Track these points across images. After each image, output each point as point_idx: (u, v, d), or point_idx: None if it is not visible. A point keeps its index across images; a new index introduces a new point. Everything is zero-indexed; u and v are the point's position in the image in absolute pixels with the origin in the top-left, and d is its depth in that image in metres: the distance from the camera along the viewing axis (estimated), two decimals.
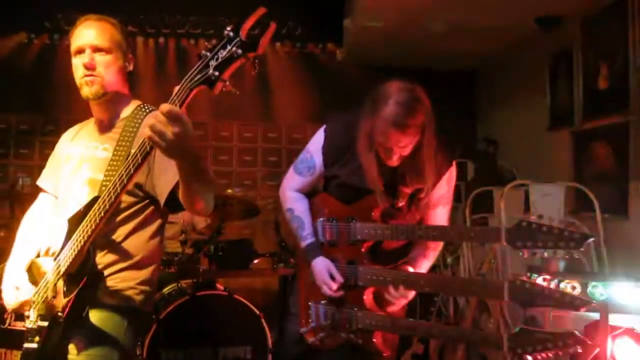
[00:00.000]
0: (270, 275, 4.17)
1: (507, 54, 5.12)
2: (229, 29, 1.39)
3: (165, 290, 3.75)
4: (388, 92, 2.03)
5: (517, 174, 4.25)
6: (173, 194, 1.86)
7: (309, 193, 2.38)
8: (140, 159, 1.60)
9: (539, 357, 1.78)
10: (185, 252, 3.94)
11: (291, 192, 2.38)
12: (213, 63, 1.39)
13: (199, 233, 4.02)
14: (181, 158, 1.57)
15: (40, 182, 2.23)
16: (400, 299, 2.09)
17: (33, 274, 2.01)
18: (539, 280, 3.02)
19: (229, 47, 1.38)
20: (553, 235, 1.72)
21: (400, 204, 2.19)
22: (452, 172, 2.25)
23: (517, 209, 3.42)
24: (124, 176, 1.66)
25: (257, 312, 3.49)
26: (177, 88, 1.45)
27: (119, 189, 1.68)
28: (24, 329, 1.98)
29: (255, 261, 4.01)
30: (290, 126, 5.59)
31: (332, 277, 2.22)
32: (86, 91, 1.97)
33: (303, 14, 5.24)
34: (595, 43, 3.88)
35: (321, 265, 2.25)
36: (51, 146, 2.28)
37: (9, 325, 3.05)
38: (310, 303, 2.33)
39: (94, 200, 1.80)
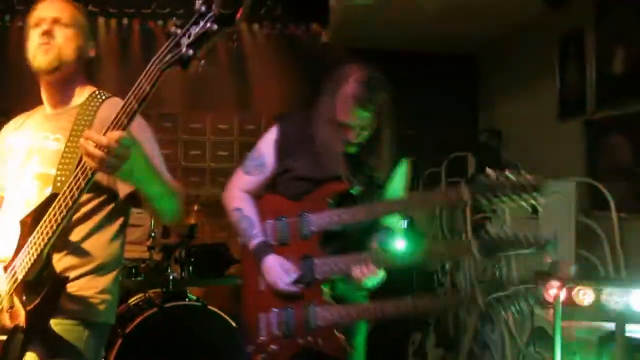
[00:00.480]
0: None
1: (511, 36, 5.06)
2: (199, 2, 1.39)
3: (132, 301, 3.74)
4: (348, 72, 2.26)
5: (523, 168, 4.20)
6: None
7: (256, 196, 2.47)
8: (90, 173, 1.60)
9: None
10: (153, 257, 3.94)
11: (239, 192, 2.46)
12: (185, 41, 1.41)
13: (169, 237, 3.96)
14: (136, 175, 1.64)
15: None
16: (371, 278, 2.24)
17: None
18: (548, 288, 3.00)
19: (201, 23, 1.39)
20: (508, 184, 2.02)
21: (359, 190, 2.32)
22: (407, 168, 2.46)
23: (523, 209, 3.36)
24: (88, 169, 1.63)
25: (234, 324, 3.47)
26: (146, 70, 1.46)
27: (82, 183, 1.65)
28: None
29: (232, 268, 3.98)
30: (271, 117, 5.39)
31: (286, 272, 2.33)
32: (40, 60, 1.96)
33: None
34: (610, 23, 3.84)
35: (272, 261, 2.33)
36: None
37: None
38: (259, 314, 2.37)
39: (52, 197, 1.77)
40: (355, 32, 5.13)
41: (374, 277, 2.25)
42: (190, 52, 1.40)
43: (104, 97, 2.05)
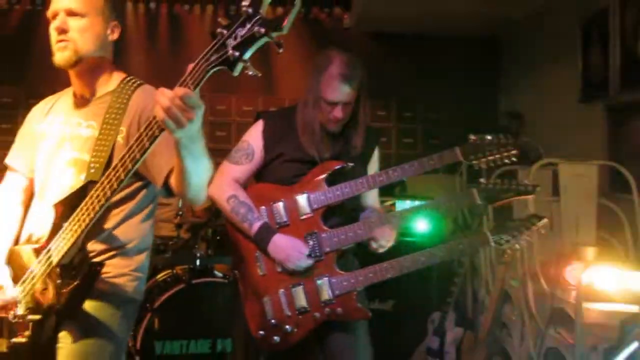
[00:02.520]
0: None
1: (533, 16, 4.94)
2: (246, 4, 1.35)
3: (160, 277, 3.77)
4: (331, 55, 2.39)
5: (544, 151, 4.12)
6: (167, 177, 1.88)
7: (243, 186, 2.49)
8: (147, 143, 1.59)
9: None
10: (180, 236, 3.97)
11: (229, 180, 2.46)
12: (232, 42, 1.37)
13: (196, 216, 3.97)
14: (186, 143, 1.57)
15: (8, 160, 2.21)
16: (389, 240, 2.37)
17: (13, 263, 2.01)
18: (570, 270, 2.94)
19: (248, 25, 1.35)
20: (494, 144, 2.29)
21: (348, 165, 2.40)
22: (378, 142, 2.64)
23: (545, 191, 3.30)
24: (127, 162, 1.64)
25: None
26: (190, 67, 1.44)
27: (122, 175, 1.67)
28: (6, 316, 1.97)
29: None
30: (294, 99, 5.43)
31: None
32: (58, 57, 1.94)
33: None
34: (636, 4, 3.70)
35: (280, 239, 2.35)
36: None
37: None
38: (263, 299, 2.37)
39: (88, 185, 1.80)
40: (378, 16, 5.06)
41: (390, 241, 2.38)
42: (237, 54, 1.36)
43: (136, 84, 2.04)
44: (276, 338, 2.34)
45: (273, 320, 2.34)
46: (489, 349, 3.22)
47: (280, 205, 2.40)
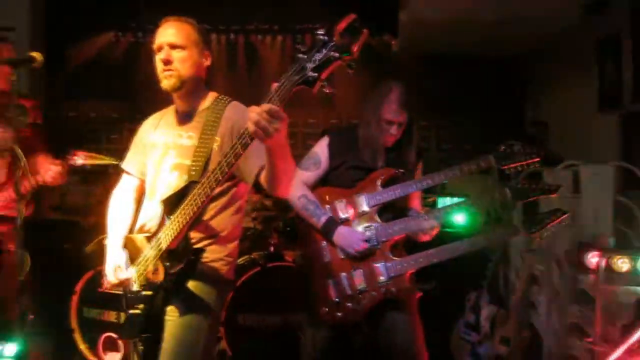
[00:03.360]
0: None
1: (555, 39, 4.87)
2: (321, 32, 1.38)
3: (240, 261, 3.81)
4: (391, 85, 2.50)
5: (566, 155, 4.06)
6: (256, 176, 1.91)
7: (311, 189, 2.53)
8: (240, 150, 1.62)
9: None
10: (256, 227, 4.02)
11: (299, 184, 2.49)
12: (310, 65, 1.39)
13: (269, 210, 4.05)
14: (275, 147, 1.62)
15: (124, 165, 2.28)
16: (433, 230, 2.42)
17: (129, 249, 2.09)
18: (590, 257, 2.91)
19: (324, 51, 1.37)
20: (521, 153, 2.33)
21: (400, 173, 2.47)
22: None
23: (567, 189, 3.28)
24: (224, 165, 1.68)
25: None
26: (274, 86, 1.46)
27: (220, 177, 1.71)
28: (119, 292, 2.08)
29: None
30: (349, 113, 5.46)
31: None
32: (165, 84, 2.01)
33: (359, 6, 5.11)
34: None
35: (343, 230, 2.41)
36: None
37: (105, 289, 3.21)
38: (328, 281, 2.41)
39: (191, 184, 1.85)
40: (422, 41, 5.05)
41: (433, 233, 2.43)
42: (315, 74, 1.38)
43: (227, 101, 2.08)
44: (339, 314, 2.37)
45: (337, 299, 2.38)
46: (519, 325, 3.21)
47: (342, 203, 2.47)
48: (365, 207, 2.43)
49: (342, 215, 2.45)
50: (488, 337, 3.32)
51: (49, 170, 2.78)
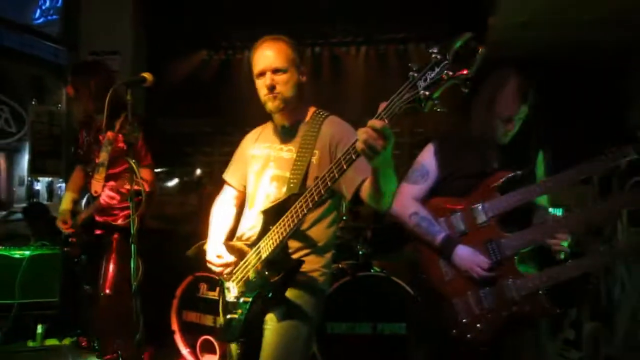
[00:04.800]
0: None
1: None
2: (435, 51, 1.37)
3: None
4: (508, 73, 2.23)
5: None
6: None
7: (422, 201, 2.36)
8: (344, 165, 1.65)
9: None
10: (344, 236, 4.03)
11: (409, 200, 2.35)
12: (422, 84, 1.39)
13: (358, 220, 4.08)
14: (381, 165, 1.63)
15: (226, 176, 2.40)
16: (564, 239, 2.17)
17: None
18: None
19: (437, 69, 1.36)
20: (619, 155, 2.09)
21: (519, 175, 2.23)
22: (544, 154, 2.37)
23: None
24: (327, 180, 1.71)
25: (412, 292, 3.42)
26: (382, 105, 1.47)
27: (322, 190, 1.74)
28: (215, 297, 2.18)
29: (406, 246, 3.99)
30: (437, 121, 5.25)
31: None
32: (270, 106, 2.09)
33: (444, 13, 4.98)
34: None
35: (464, 251, 2.22)
36: (229, 144, 2.44)
37: (202, 294, 3.38)
38: (454, 301, 2.25)
39: (292, 197, 1.89)
40: (510, 46, 4.89)
41: (565, 241, 2.18)
42: (427, 93, 1.37)
43: (324, 115, 2.13)
44: (469, 335, 2.21)
45: (465, 320, 2.23)
46: (626, 344, 3.03)
47: (457, 216, 2.28)
48: (483, 219, 2.24)
49: (459, 229, 2.28)
50: (591, 356, 3.17)
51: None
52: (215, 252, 2.14)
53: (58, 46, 5.32)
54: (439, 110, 1.39)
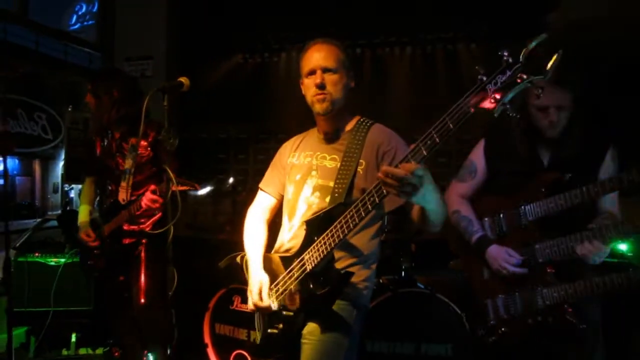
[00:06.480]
0: None
1: None
2: (506, 53, 1.34)
3: None
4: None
5: None
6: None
7: (471, 199, 2.44)
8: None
9: None
10: (386, 250, 3.86)
11: (455, 197, 2.44)
12: (492, 87, 1.36)
13: (401, 233, 3.92)
14: (421, 198, 1.60)
15: (262, 185, 2.37)
16: (600, 256, 2.12)
17: (267, 268, 2.13)
18: None
19: (508, 72, 1.34)
20: None
21: (569, 176, 2.20)
22: (615, 154, 2.22)
23: None
24: (381, 192, 1.68)
25: (459, 311, 3.27)
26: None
27: (375, 201, 1.71)
28: (248, 310, 2.13)
29: (451, 261, 3.83)
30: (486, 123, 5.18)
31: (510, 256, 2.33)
32: (317, 107, 2.05)
33: (495, 11, 4.78)
34: None
35: (495, 250, 2.29)
36: (264, 152, 2.39)
37: (236, 306, 3.32)
38: (486, 300, 2.32)
39: (338, 207, 1.87)
40: (569, 43, 4.65)
41: (600, 253, 2.13)
42: (497, 96, 1.35)
43: (369, 124, 2.10)
44: (492, 338, 2.30)
45: (492, 322, 2.31)
46: None
47: (500, 217, 2.36)
48: (524, 221, 2.28)
49: (500, 230, 2.35)
50: None
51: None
52: (259, 283, 2.09)
53: (93, 52, 5.35)
54: (510, 115, 1.35)
